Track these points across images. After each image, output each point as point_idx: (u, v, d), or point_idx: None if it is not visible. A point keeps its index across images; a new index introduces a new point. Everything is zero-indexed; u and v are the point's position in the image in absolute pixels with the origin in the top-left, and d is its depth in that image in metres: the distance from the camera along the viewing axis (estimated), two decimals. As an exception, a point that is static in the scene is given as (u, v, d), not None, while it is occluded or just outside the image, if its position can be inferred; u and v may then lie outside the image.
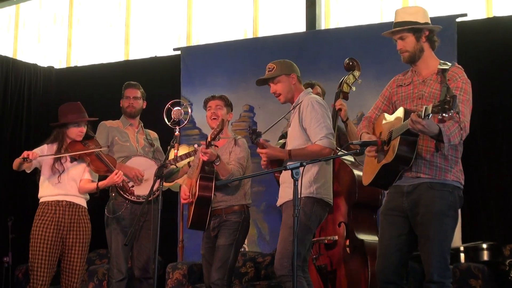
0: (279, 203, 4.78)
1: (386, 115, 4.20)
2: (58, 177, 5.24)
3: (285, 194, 4.68)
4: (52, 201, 5.23)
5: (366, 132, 4.26)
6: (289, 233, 4.50)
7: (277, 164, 4.75)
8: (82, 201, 5.34)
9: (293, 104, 4.83)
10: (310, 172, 4.59)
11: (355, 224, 5.04)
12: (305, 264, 4.66)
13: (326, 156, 4.54)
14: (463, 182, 4.04)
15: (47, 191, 5.27)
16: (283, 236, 4.60)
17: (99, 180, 5.38)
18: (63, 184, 5.25)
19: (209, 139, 5.01)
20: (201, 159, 5.14)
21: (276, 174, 5.00)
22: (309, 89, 4.95)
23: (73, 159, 5.32)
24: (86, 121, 5.37)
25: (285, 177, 4.71)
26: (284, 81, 4.83)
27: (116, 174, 5.23)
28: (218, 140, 5.08)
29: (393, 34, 4.14)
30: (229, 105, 5.46)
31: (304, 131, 4.70)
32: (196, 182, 5.22)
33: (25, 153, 5.06)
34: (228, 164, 5.21)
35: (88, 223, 5.34)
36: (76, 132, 5.32)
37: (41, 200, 5.31)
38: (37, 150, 5.24)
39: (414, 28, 4.08)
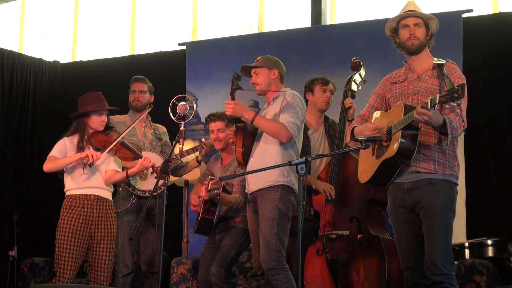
0: (251, 190, 4.84)
1: (380, 112, 4.24)
2: (83, 168, 5.14)
3: (258, 181, 4.74)
4: (80, 195, 5.14)
5: (356, 126, 4.31)
6: (272, 225, 4.64)
7: (242, 133, 4.87)
8: (109, 195, 5.28)
9: (273, 96, 4.93)
10: (287, 159, 4.57)
11: (369, 220, 5.04)
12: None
13: (282, 138, 4.64)
14: (458, 176, 4.09)
15: (74, 184, 5.17)
16: (266, 229, 4.66)
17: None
18: (89, 176, 5.17)
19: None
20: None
21: (237, 148, 4.97)
22: (288, 88, 5.01)
23: (97, 149, 5.22)
24: (107, 110, 5.33)
25: (253, 164, 4.79)
26: (264, 74, 4.95)
27: (144, 159, 5.20)
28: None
29: (408, 17, 4.18)
30: (230, 122, 5.53)
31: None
32: (202, 202, 5.47)
33: (89, 156, 4.96)
34: (230, 190, 5.50)
35: (114, 216, 5.28)
36: (98, 121, 5.23)
37: (68, 193, 5.20)
38: (59, 146, 5.19)
39: (427, 23, 4.17)
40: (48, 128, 8.83)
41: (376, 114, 4.27)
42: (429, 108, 3.61)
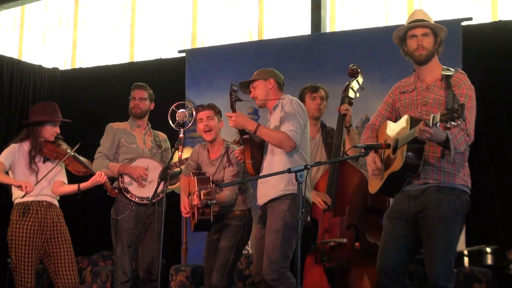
0: (262, 201, 4.84)
1: (390, 122, 4.21)
2: (36, 176, 5.24)
3: (268, 192, 4.76)
4: (32, 202, 5.23)
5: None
6: (277, 237, 4.65)
7: (249, 144, 4.84)
8: (57, 202, 5.40)
9: (273, 105, 4.93)
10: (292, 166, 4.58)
11: (367, 228, 5.03)
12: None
13: (286, 147, 4.66)
14: (470, 186, 4.04)
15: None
16: (270, 240, 4.67)
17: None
18: (41, 184, 5.24)
19: (199, 205, 5.06)
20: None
21: (247, 160, 4.96)
22: (288, 95, 5.00)
23: (46, 159, 5.32)
24: (60, 122, 5.40)
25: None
26: (261, 86, 4.98)
27: (99, 175, 5.26)
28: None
29: (415, 28, 4.12)
30: (219, 113, 5.46)
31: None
32: (195, 206, 5.24)
33: (23, 187, 5.00)
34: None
35: (64, 222, 5.39)
36: (51, 131, 5.33)
37: (18, 201, 5.26)
38: (18, 175, 5.25)
39: (435, 31, 4.12)
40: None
41: (386, 124, 4.24)
42: (431, 126, 3.58)
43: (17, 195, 5.26)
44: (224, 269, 5.20)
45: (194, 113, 5.46)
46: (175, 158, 5.61)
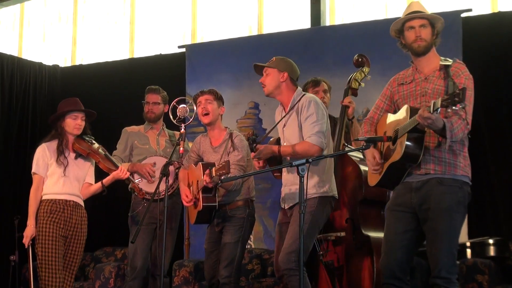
0: (288, 205, 4.74)
1: (389, 114, 4.20)
2: (64, 171, 5.25)
3: (293, 196, 4.65)
4: (60, 200, 5.23)
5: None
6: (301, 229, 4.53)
7: (274, 161, 4.75)
8: (82, 203, 5.40)
9: (289, 105, 4.78)
10: (318, 171, 4.57)
11: (362, 221, 5.02)
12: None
13: (314, 154, 4.48)
14: (470, 177, 4.04)
15: (54, 188, 5.25)
16: (294, 231, 4.54)
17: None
18: (69, 182, 5.27)
19: (214, 174, 4.91)
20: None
21: (274, 173, 5.00)
22: (300, 89, 4.88)
23: (79, 155, 5.33)
24: (84, 116, 5.39)
25: (288, 179, 4.71)
26: (273, 75, 4.81)
27: (120, 170, 5.27)
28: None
29: (413, 19, 4.10)
30: (219, 99, 5.40)
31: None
32: (199, 191, 5.17)
33: (24, 238, 5.19)
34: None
35: (86, 223, 5.40)
36: (73, 124, 5.32)
37: (46, 197, 5.26)
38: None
39: (432, 22, 4.11)
40: (48, 132, 8.82)
41: (385, 117, 4.23)
42: (431, 111, 3.58)
43: (46, 191, 5.28)
44: (232, 265, 5.12)
45: (195, 108, 5.46)
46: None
